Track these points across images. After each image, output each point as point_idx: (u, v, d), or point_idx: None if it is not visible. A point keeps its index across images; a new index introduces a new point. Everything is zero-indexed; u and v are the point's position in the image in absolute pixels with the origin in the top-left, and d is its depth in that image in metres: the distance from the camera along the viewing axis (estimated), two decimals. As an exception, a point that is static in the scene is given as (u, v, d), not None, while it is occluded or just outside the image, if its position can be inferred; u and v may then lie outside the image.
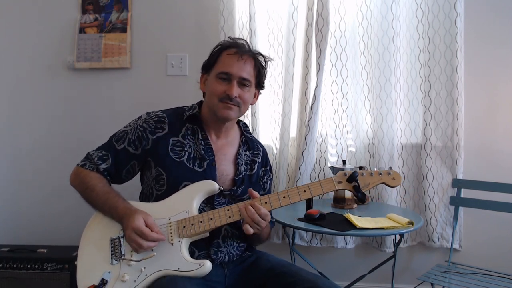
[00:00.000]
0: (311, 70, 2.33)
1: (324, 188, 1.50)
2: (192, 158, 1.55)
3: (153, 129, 1.56)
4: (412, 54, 2.35)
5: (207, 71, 1.63)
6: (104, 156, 1.57)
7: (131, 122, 1.62)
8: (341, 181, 1.51)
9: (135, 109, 1.86)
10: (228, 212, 1.47)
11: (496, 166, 2.34)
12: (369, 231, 1.78)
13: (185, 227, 1.44)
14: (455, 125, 2.29)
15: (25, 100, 2.63)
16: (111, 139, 1.60)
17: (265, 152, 1.78)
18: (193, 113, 1.62)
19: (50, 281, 2.25)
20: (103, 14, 2.56)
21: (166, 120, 1.58)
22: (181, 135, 1.58)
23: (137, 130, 1.57)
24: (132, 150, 1.56)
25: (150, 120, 1.58)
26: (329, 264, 2.46)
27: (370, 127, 2.39)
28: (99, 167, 1.55)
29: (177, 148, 1.56)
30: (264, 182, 1.74)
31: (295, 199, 1.49)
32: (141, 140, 1.56)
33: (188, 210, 1.47)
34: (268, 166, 1.77)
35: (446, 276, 2.04)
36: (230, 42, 1.63)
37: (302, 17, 2.34)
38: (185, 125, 1.60)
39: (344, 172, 1.53)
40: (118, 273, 1.42)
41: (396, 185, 1.55)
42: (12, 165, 2.66)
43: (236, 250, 1.59)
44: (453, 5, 2.25)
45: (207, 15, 2.48)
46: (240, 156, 1.65)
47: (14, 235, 2.61)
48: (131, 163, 1.58)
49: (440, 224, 2.34)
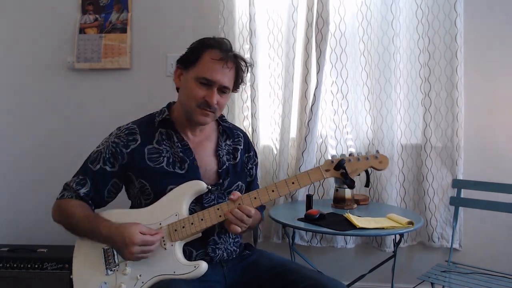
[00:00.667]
0: (311, 71, 2.33)
1: (312, 178, 1.48)
2: (172, 162, 1.52)
3: (126, 143, 1.53)
4: (412, 55, 2.35)
5: (185, 67, 1.56)
6: (82, 180, 1.52)
7: (103, 141, 1.58)
8: (329, 169, 1.49)
9: (135, 109, 1.86)
10: (218, 211, 1.45)
11: (496, 167, 2.34)
12: (369, 231, 1.78)
13: (177, 231, 1.43)
14: (455, 126, 2.29)
15: (25, 100, 2.63)
16: (86, 162, 1.56)
17: (246, 137, 1.75)
18: (164, 117, 1.58)
19: (50, 281, 2.25)
20: (103, 15, 2.56)
21: (137, 131, 1.55)
22: (155, 142, 1.54)
23: (110, 147, 1.53)
24: (109, 168, 1.52)
25: (121, 134, 1.54)
26: (329, 264, 2.46)
27: (370, 127, 2.40)
28: (78, 193, 1.50)
29: (154, 155, 1.52)
30: (250, 168, 1.71)
31: (284, 191, 1.48)
32: (116, 156, 1.52)
33: (178, 212, 1.45)
34: (252, 152, 1.74)
35: (446, 276, 2.05)
36: (214, 42, 1.55)
37: (302, 17, 2.35)
38: (158, 130, 1.57)
39: (331, 160, 1.50)
40: (115, 283, 1.40)
41: (384, 168, 1.54)
42: (12, 165, 2.66)
43: (233, 246, 1.58)
44: (453, 5, 2.25)
45: (207, 16, 2.48)
46: (220, 147, 1.62)
47: (14, 235, 2.61)
48: (112, 181, 1.54)
49: (440, 224, 2.34)
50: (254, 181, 1.75)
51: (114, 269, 1.42)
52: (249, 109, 2.38)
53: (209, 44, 1.54)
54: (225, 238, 1.56)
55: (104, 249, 1.45)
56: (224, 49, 1.53)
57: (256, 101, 2.35)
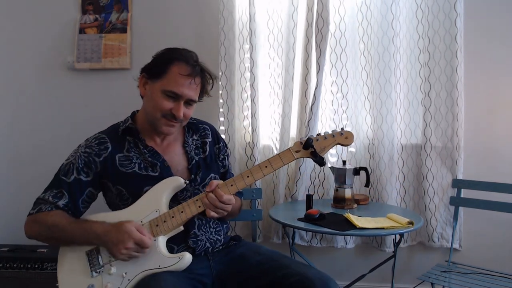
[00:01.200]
0: (311, 71, 2.33)
1: (284, 160, 1.51)
2: (144, 167, 1.54)
3: (98, 151, 1.54)
4: (412, 55, 2.35)
5: (150, 77, 1.55)
6: (59, 193, 1.51)
7: (71, 153, 1.58)
8: (299, 150, 1.53)
9: (135, 109, 1.86)
10: (197, 202, 1.47)
11: (496, 167, 2.34)
12: (369, 231, 1.79)
13: (158, 226, 1.45)
14: (455, 126, 2.30)
15: (25, 100, 2.63)
16: (57, 176, 1.55)
17: (213, 130, 1.76)
18: (127, 126, 1.58)
19: (50, 281, 2.24)
20: (103, 15, 2.56)
21: (107, 140, 1.56)
22: (125, 150, 1.56)
23: (81, 157, 1.53)
24: (84, 177, 1.52)
25: (91, 145, 1.55)
26: (329, 264, 2.46)
27: (370, 127, 2.40)
28: (58, 205, 1.49)
29: (125, 162, 1.54)
30: (222, 159, 1.73)
31: (259, 176, 1.50)
32: (89, 165, 1.52)
33: (158, 209, 1.47)
34: (221, 142, 1.75)
35: (446, 276, 2.05)
36: (182, 55, 1.54)
37: (302, 17, 2.35)
38: (125, 139, 1.58)
39: (300, 141, 1.54)
40: (101, 284, 1.41)
41: (350, 143, 1.57)
42: (12, 165, 2.66)
43: (215, 236, 1.58)
44: (453, 5, 2.25)
45: (207, 16, 2.48)
46: (187, 144, 1.64)
47: (14, 235, 2.60)
48: (87, 191, 1.54)
49: (440, 224, 2.34)
50: (227, 172, 1.76)
51: (99, 270, 1.43)
52: (249, 109, 2.38)
53: (176, 57, 1.53)
54: (205, 228, 1.56)
55: (86, 252, 1.45)
56: (191, 64, 1.52)
57: (256, 101, 2.35)
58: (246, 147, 2.41)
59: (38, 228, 1.49)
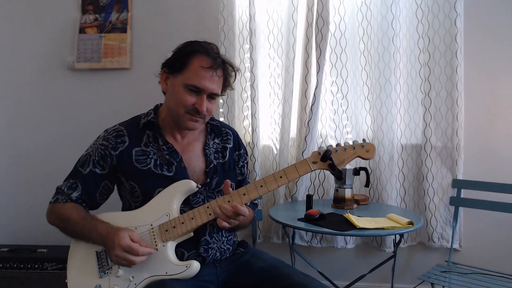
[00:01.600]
0: (311, 71, 2.33)
1: (300, 171, 1.45)
2: (159, 164, 1.51)
3: (114, 145, 1.52)
4: (412, 55, 2.35)
5: (172, 72, 1.52)
6: (73, 184, 1.52)
7: (91, 144, 1.57)
8: (316, 161, 1.46)
9: (135, 109, 1.85)
10: (208, 209, 1.43)
11: (496, 167, 2.34)
12: (369, 231, 1.78)
13: (167, 231, 1.42)
14: (455, 126, 2.29)
15: (25, 100, 2.63)
16: (76, 166, 1.55)
17: (236, 135, 1.72)
18: (149, 119, 1.55)
19: (50, 281, 2.25)
20: (103, 14, 2.56)
21: (125, 133, 1.54)
22: (143, 144, 1.53)
23: (98, 149, 1.52)
24: (99, 171, 1.52)
25: (109, 137, 1.53)
26: (329, 264, 2.47)
27: (370, 127, 2.40)
28: (71, 197, 1.51)
29: (142, 157, 1.51)
30: (241, 166, 1.68)
31: (272, 187, 1.44)
32: (105, 158, 1.51)
33: (169, 213, 1.44)
34: (242, 149, 1.70)
35: (446, 276, 2.05)
36: (202, 47, 1.50)
37: (302, 17, 2.35)
38: (145, 133, 1.55)
39: (318, 151, 1.47)
40: (108, 285, 1.41)
41: (371, 157, 1.50)
42: (12, 165, 2.66)
43: (226, 245, 1.56)
44: (453, 5, 2.25)
45: (207, 15, 2.48)
46: (208, 146, 1.60)
47: (14, 235, 2.61)
48: (103, 184, 1.53)
49: (440, 224, 2.34)
50: (245, 180, 1.72)
51: (107, 271, 1.42)
52: (249, 109, 2.38)
53: (197, 49, 1.50)
54: (217, 237, 1.54)
55: (97, 252, 1.45)
56: (212, 55, 1.49)
57: (256, 101, 2.35)
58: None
59: (54, 218, 1.52)
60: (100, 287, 1.41)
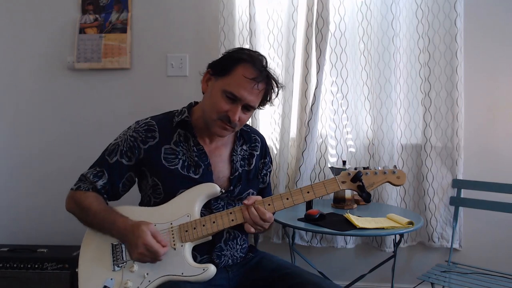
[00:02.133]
0: (311, 71, 2.33)
1: (328, 189, 1.46)
2: (187, 165, 1.50)
3: (144, 138, 1.51)
4: (412, 55, 2.35)
5: (215, 74, 1.51)
6: (99, 172, 1.51)
7: (121, 134, 1.56)
8: (345, 181, 1.47)
9: (135, 110, 1.86)
10: (231, 215, 1.43)
11: (496, 167, 2.34)
12: (369, 231, 1.78)
13: (188, 231, 1.42)
14: (455, 126, 2.29)
15: (25, 100, 2.63)
16: (103, 154, 1.54)
17: (264, 142, 1.70)
18: (183, 118, 1.54)
19: (50, 281, 2.25)
20: (103, 15, 2.56)
21: (156, 128, 1.53)
22: (173, 142, 1.52)
23: (128, 140, 1.51)
24: (126, 161, 1.51)
25: (140, 129, 1.52)
26: (329, 264, 2.46)
27: (370, 127, 2.40)
28: (96, 185, 1.50)
29: (170, 156, 1.51)
30: (264, 175, 1.68)
31: (298, 201, 1.45)
32: (133, 150, 1.50)
33: (190, 214, 1.44)
34: (268, 158, 1.70)
35: (446, 276, 2.05)
36: (251, 57, 1.48)
37: (302, 17, 2.35)
38: (176, 131, 1.54)
39: (348, 172, 1.48)
40: (121, 280, 1.39)
41: (401, 183, 1.50)
42: (12, 165, 2.66)
43: (239, 253, 1.57)
44: (453, 5, 2.25)
45: (207, 16, 2.48)
46: (235, 153, 1.59)
47: (14, 235, 2.61)
48: (127, 175, 1.53)
49: (440, 224, 2.34)
50: (267, 188, 1.72)
51: (122, 265, 1.41)
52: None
53: (244, 58, 1.47)
54: (232, 245, 1.54)
55: (113, 245, 1.43)
56: (258, 67, 1.46)
57: (256, 101, 2.34)
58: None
59: (74, 206, 1.50)
60: (112, 280, 1.40)
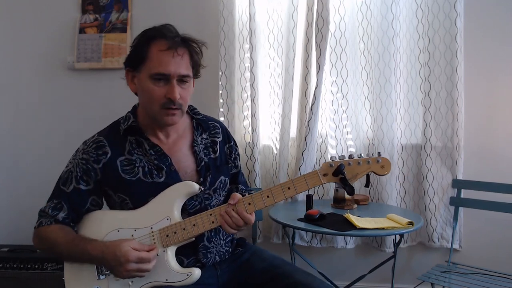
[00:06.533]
0: (311, 71, 2.33)
1: (309, 183, 1.37)
2: (148, 171, 1.42)
3: (96, 157, 1.42)
4: (412, 54, 2.35)
5: (134, 68, 1.42)
6: (58, 205, 1.42)
7: (70, 159, 1.47)
8: (327, 174, 1.37)
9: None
10: (211, 216, 1.37)
11: (496, 167, 2.34)
12: (369, 231, 1.79)
13: (168, 236, 1.36)
14: (455, 126, 2.29)
15: (25, 101, 2.63)
16: (57, 185, 1.45)
17: (224, 127, 1.62)
18: (129, 124, 1.45)
19: (50, 281, 2.25)
20: (103, 14, 2.56)
21: (106, 143, 1.43)
22: (126, 152, 1.43)
23: (79, 164, 1.42)
24: (84, 186, 1.42)
25: (89, 150, 1.43)
26: (329, 264, 2.46)
27: (370, 127, 2.40)
28: (57, 218, 1.40)
29: (128, 167, 1.42)
30: (234, 159, 1.60)
31: (279, 198, 1.37)
32: (88, 173, 1.41)
33: (170, 216, 1.38)
34: (232, 141, 1.62)
35: (446, 276, 2.05)
36: (156, 31, 1.40)
37: (302, 17, 2.35)
38: (127, 139, 1.45)
39: (329, 163, 1.38)
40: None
41: (386, 173, 1.39)
42: (12, 165, 2.66)
43: (225, 247, 1.53)
44: (453, 5, 2.25)
45: (207, 15, 2.48)
46: (196, 143, 1.50)
47: (14, 235, 2.61)
48: (90, 199, 1.44)
49: (440, 224, 2.34)
50: (240, 172, 1.66)
51: (106, 273, 1.38)
52: (249, 109, 2.38)
53: (151, 35, 1.40)
54: (216, 241, 1.49)
55: None
56: (169, 36, 1.38)
57: (256, 101, 2.35)
58: (246, 147, 2.41)
59: (41, 244, 1.43)
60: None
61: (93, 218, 1.45)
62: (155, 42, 1.38)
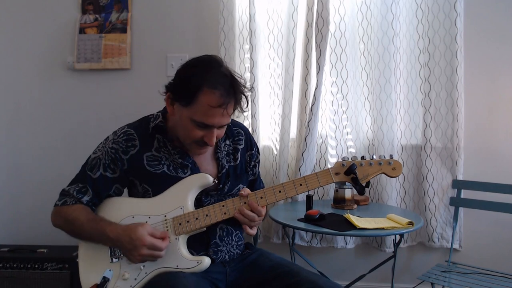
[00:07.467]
0: (311, 71, 2.33)
1: (321, 181, 1.43)
2: (173, 168, 1.49)
3: (125, 148, 1.48)
4: (412, 55, 2.35)
5: (177, 100, 1.41)
6: (83, 188, 1.48)
7: (99, 147, 1.53)
8: (339, 173, 1.43)
9: (135, 110, 1.85)
10: (223, 208, 1.44)
11: (496, 167, 2.34)
12: (369, 231, 1.79)
13: (181, 224, 1.43)
14: (455, 126, 2.29)
15: (25, 101, 2.63)
16: (84, 169, 1.51)
17: (247, 134, 1.66)
18: (157, 123, 1.50)
19: (50, 281, 2.25)
20: (103, 14, 2.56)
21: (135, 136, 1.50)
22: (154, 149, 1.50)
23: (108, 153, 1.48)
24: (110, 174, 1.49)
25: (119, 140, 1.49)
26: (329, 264, 2.46)
27: (370, 128, 2.40)
28: (81, 200, 1.47)
29: (153, 162, 1.49)
30: (252, 166, 1.66)
31: (290, 193, 1.44)
32: (116, 162, 1.48)
33: (183, 206, 1.44)
34: (254, 149, 1.66)
35: (446, 276, 2.05)
36: (210, 81, 1.36)
37: (302, 17, 2.35)
38: (155, 136, 1.51)
39: (342, 162, 1.44)
40: (119, 271, 1.43)
41: (397, 175, 1.46)
42: (12, 165, 2.66)
43: (235, 249, 1.57)
44: (453, 5, 2.25)
45: (207, 16, 2.48)
46: (219, 149, 1.56)
47: (14, 235, 2.61)
48: (114, 187, 1.51)
49: (440, 224, 2.34)
50: (257, 180, 1.71)
51: (119, 256, 1.44)
52: (249, 109, 2.38)
53: (203, 83, 1.36)
54: (227, 240, 1.54)
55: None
56: (221, 89, 1.35)
57: (256, 101, 2.35)
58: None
59: (61, 221, 1.49)
60: (110, 271, 1.43)
61: (110, 203, 1.51)
62: (206, 91, 1.36)
